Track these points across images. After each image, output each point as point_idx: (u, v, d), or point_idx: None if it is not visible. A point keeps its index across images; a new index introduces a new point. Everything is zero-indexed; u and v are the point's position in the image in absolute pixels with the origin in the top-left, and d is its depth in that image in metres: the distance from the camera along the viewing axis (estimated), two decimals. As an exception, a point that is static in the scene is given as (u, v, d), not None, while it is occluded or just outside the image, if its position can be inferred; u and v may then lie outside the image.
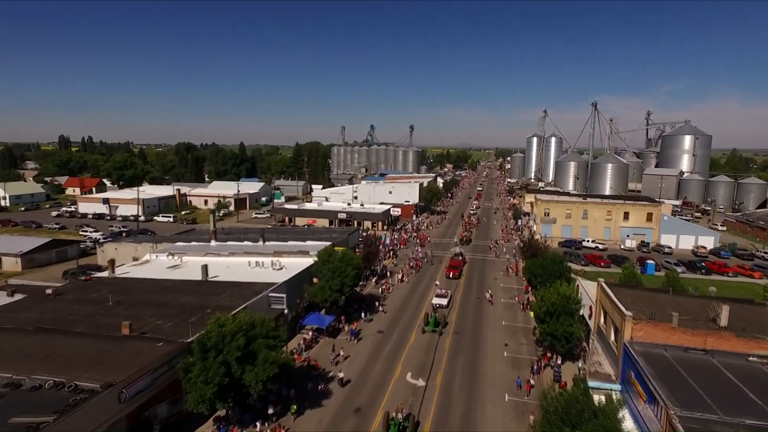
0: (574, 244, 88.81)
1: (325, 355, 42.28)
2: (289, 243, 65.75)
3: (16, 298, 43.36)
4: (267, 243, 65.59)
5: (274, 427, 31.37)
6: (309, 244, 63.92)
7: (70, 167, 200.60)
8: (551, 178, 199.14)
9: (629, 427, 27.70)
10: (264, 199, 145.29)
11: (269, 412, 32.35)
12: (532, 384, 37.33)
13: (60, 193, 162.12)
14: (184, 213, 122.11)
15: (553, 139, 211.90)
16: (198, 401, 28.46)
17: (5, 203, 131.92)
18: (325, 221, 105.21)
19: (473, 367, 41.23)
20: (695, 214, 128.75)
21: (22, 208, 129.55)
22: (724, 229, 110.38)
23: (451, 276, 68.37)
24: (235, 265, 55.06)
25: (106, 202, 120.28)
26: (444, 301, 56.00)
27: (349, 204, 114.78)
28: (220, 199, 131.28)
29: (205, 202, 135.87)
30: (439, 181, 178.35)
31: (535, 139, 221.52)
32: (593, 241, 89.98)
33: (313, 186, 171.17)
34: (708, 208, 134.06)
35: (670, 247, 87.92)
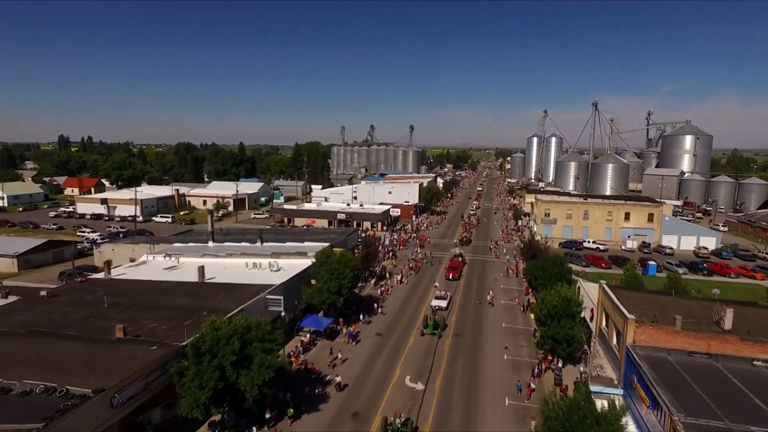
0: (575, 245, 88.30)
1: (322, 358, 41.73)
2: (287, 244, 65.25)
3: (9, 300, 42.81)
4: (265, 244, 65.16)
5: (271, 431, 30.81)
6: (307, 245, 63.51)
7: (69, 167, 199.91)
8: (551, 179, 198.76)
9: (632, 433, 27.15)
10: (263, 199, 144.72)
11: (266, 416, 31.81)
12: (532, 387, 36.80)
13: (58, 194, 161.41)
14: (182, 213, 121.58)
15: (554, 139, 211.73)
16: (192, 406, 27.89)
17: (3, 204, 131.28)
18: (324, 222, 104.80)
19: (473, 370, 40.71)
20: (696, 215, 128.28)
21: (20, 209, 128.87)
22: (726, 229, 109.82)
23: (450, 277, 67.79)
24: (233, 266, 54.61)
25: (104, 202, 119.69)
26: (443, 303, 55.43)
27: (348, 204, 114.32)
28: (219, 199, 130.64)
29: (204, 203, 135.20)
30: (439, 181, 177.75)
31: (535, 139, 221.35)
32: (594, 241, 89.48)
33: (313, 186, 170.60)
34: (709, 209, 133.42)
35: (671, 248, 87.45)
